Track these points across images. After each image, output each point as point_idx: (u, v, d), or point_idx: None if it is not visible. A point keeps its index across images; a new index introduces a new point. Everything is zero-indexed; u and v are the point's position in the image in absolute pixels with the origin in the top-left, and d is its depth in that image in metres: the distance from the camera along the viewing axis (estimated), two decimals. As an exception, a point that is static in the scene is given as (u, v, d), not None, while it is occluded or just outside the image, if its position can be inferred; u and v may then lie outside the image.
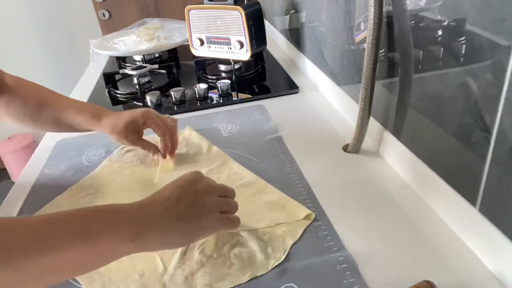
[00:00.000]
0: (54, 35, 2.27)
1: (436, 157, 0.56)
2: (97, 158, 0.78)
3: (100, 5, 1.95)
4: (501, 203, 0.44)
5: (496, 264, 0.46)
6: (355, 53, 0.77)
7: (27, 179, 0.74)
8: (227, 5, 1.03)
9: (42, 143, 0.88)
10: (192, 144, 0.79)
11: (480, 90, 0.45)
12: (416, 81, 0.58)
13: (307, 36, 1.05)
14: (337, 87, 0.88)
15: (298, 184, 0.65)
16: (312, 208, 0.59)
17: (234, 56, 1.09)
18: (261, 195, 0.63)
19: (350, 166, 0.69)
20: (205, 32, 1.10)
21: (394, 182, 0.64)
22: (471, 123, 0.47)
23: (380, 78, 0.67)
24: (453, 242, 0.52)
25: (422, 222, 0.55)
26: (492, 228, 0.46)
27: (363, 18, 0.71)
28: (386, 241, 0.53)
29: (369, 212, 0.58)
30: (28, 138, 2.40)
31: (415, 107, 0.59)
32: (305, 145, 0.76)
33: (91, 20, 2.08)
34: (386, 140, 0.68)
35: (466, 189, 0.50)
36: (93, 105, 0.74)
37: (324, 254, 0.51)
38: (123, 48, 1.22)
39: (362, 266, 0.49)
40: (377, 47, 0.60)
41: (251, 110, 0.91)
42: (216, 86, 1.00)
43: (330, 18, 0.87)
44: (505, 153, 0.43)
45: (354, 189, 0.63)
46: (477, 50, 0.45)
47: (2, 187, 2.40)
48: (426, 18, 0.54)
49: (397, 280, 0.46)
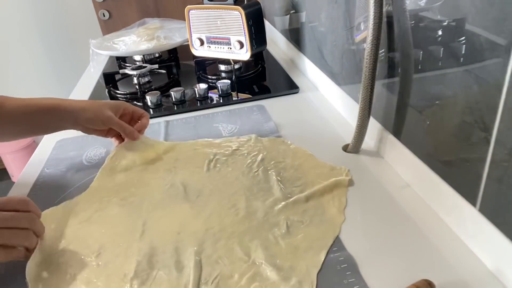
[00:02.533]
0: (54, 35, 2.27)
1: (436, 157, 0.56)
2: (97, 158, 0.78)
3: (100, 5, 1.95)
4: (501, 203, 0.44)
5: (495, 264, 0.46)
6: (355, 53, 0.77)
7: (27, 179, 0.74)
8: (227, 5, 1.03)
9: (42, 143, 0.88)
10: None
11: (480, 90, 0.45)
12: (416, 81, 0.58)
13: (307, 36, 1.05)
14: (337, 87, 0.88)
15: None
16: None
17: (234, 56, 1.09)
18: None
19: (350, 166, 0.69)
20: (205, 32, 1.10)
21: (394, 182, 0.64)
22: (471, 123, 0.47)
23: (380, 78, 0.67)
24: (453, 242, 0.52)
25: (422, 222, 0.55)
26: (492, 228, 0.46)
27: (363, 18, 0.71)
28: (386, 241, 0.53)
29: (369, 212, 0.58)
30: (28, 138, 2.40)
31: (415, 107, 0.59)
32: (305, 145, 0.76)
33: (91, 20, 2.08)
34: (386, 140, 0.68)
35: (466, 189, 0.50)
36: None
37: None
38: (123, 48, 1.22)
39: (362, 266, 0.49)
40: (377, 47, 0.60)
41: (251, 110, 0.91)
42: (216, 86, 1.00)
43: (330, 18, 0.87)
44: (505, 153, 0.43)
45: (354, 189, 0.63)
46: (477, 50, 0.45)
47: (2, 187, 2.40)
48: (426, 18, 0.54)
49: (397, 280, 0.46)
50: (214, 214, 0.58)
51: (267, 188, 0.63)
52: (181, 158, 0.74)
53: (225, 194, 0.63)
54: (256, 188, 0.63)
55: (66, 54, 2.30)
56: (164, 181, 0.67)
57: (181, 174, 0.69)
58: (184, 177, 0.68)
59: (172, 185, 0.66)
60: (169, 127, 0.87)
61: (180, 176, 0.68)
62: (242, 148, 0.75)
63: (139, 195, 0.65)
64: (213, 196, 0.62)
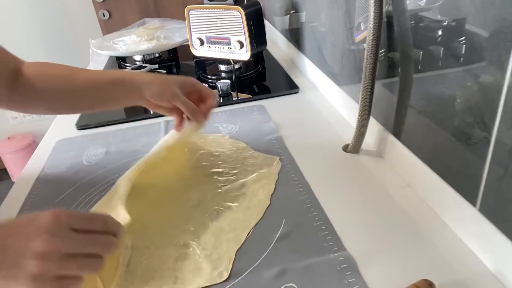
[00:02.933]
0: (54, 35, 2.27)
1: (436, 157, 0.56)
2: (97, 158, 0.78)
3: (100, 5, 1.95)
4: (501, 203, 0.44)
5: (495, 263, 0.46)
6: (355, 53, 0.77)
7: (27, 179, 0.74)
8: (227, 5, 1.03)
9: (42, 143, 0.88)
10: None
11: (480, 90, 0.45)
12: (416, 81, 0.58)
13: (307, 36, 1.05)
14: (337, 87, 0.88)
15: (298, 184, 0.65)
16: (312, 208, 0.59)
17: (234, 56, 1.09)
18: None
19: (350, 166, 0.69)
20: (205, 32, 1.10)
21: (394, 182, 0.64)
22: (471, 123, 0.47)
23: (380, 78, 0.67)
24: (453, 242, 0.52)
25: (422, 222, 0.55)
26: (492, 228, 0.46)
27: (363, 18, 0.71)
28: (386, 241, 0.53)
29: (369, 212, 0.58)
30: (28, 138, 2.40)
31: (415, 107, 0.59)
32: (305, 145, 0.76)
33: (91, 20, 2.08)
34: (386, 140, 0.68)
35: (466, 189, 0.50)
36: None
37: (324, 254, 0.51)
38: (123, 48, 1.22)
39: (362, 266, 0.49)
40: (377, 47, 0.60)
41: (251, 110, 0.91)
42: (216, 86, 1.00)
43: (330, 18, 0.87)
44: (505, 153, 0.43)
45: (354, 189, 0.63)
46: (477, 50, 0.45)
47: (2, 187, 2.40)
48: (426, 18, 0.54)
49: (397, 280, 0.46)
50: (155, 205, 0.63)
51: (204, 179, 0.68)
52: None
53: (167, 187, 0.67)
54: (194, 180, 0.69)
55: (66, 54, 2.29)
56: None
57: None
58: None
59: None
60: (169, 127, 0.87)
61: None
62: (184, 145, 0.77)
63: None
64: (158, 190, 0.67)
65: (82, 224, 0.41)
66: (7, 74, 0.63)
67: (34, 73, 0.65)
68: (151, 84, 0.65)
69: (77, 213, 0.42)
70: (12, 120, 2.44)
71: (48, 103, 0.67)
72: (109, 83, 0.65)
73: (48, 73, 0.66)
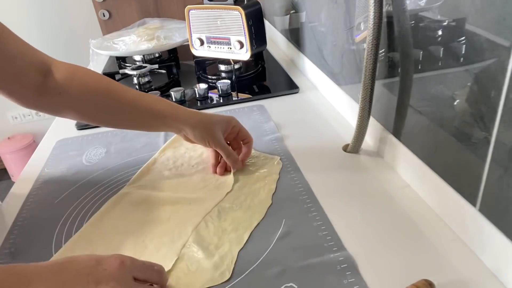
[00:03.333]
0: (54, 35, 2.27)
1: (436, 157, 0.56)
2: (97, 158, 0.78)
3: (100, 5, 1.95)
4: (501, 203, 0.44)
5: (495, 263, 0.46)
6: (355, 53, 0.77)
7: (27, 179, 0.74)
8: (227, 5, 1.03)
9: (42, 143, 0.88)
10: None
11: (480, 90, 0.45)
12: (416, 81, 0.58)
13: (307, 36, 1.05)
14: (337, 87, 0.88)
15: (298, 184, 0.65)
16: (312, 208, 0.59)
17: (234, 56, 1.09)
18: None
19: (350, 166, 0.69)
20: (205, 32, 1.10)
21: (394, 182, 0.64)
22: (471, 123, 0.47)
23: (380, 78, 0.67)
24: (453, 242, 0.52)
25: (422, 222, 0.55)
26: (492, 228, 0.46)
27: (363, 18, 0.71)
28: (386, 241, 0.53)
29: (369, 212, 0.58)
30: (28, 138, 2.41)
31: (415, 107, 0.59)
32: (305, 145, 0.76)
33: (91, 20, 2.08)
34: (386, 140, 0.68)
35: (466, 189, 0.50)
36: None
37: (324, 254, 0.51)
38: (123, 48, 1.22)
39: (362, 266, 0.49)
40: (377, 47, 0.60)
41: (251, 110, 0.91)
42: (216, 86, 1.00)
43: (330, 18, 0.87)
44: (505, 153, 0.43)
45: (354, 189, 0.63)
46: (477, 50, 0.45)
47: (2, 187, 2.40)
48: (426, 18, 0.54)
49: (397, 280, 0.46)
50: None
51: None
52: None
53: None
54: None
55: (66, 54, 2.29)
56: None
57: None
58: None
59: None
60: (169, 127, 0.87)
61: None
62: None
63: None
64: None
65: (141, 274, 0.45)
66: (35, 73, 0.60)
67: (66, 76, 0.62)
68: (194, 128, 0.66)
69: (138, 262, 0.46)
70: (12, 120, 2.44)
71: (82, 114, 0.66)
72: (150, 113, 0.66)
73: (82, 79, 0.64)
